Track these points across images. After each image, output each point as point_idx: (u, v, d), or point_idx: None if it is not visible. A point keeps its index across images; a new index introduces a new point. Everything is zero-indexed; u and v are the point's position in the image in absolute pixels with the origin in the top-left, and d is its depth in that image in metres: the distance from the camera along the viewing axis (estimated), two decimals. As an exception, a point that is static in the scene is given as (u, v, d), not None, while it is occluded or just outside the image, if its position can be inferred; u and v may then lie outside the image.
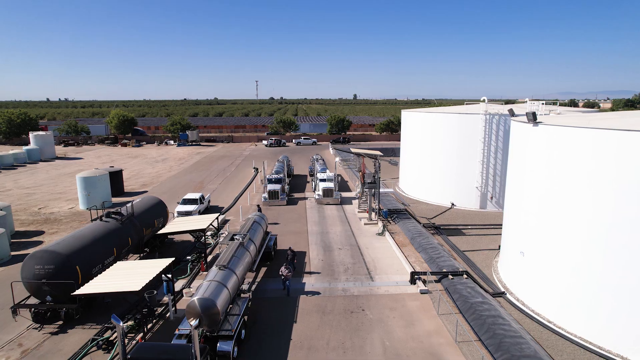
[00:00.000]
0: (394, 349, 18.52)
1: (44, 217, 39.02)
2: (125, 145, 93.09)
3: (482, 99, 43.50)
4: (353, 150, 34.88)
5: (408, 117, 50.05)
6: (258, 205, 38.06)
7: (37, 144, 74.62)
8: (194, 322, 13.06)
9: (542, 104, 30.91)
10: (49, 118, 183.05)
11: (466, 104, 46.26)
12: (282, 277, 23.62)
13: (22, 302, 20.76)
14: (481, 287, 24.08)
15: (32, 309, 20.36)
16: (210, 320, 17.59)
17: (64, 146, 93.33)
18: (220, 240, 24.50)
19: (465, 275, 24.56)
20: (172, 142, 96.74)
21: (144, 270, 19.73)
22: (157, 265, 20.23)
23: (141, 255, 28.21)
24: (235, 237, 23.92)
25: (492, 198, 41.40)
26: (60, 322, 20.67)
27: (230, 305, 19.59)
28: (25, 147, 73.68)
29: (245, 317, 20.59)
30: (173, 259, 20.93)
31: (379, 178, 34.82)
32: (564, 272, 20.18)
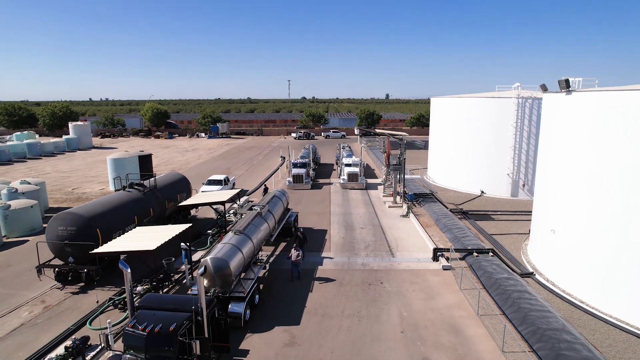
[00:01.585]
0: (412, 319, 17.79)
1: (76, 196, 40.35)
2: (158, 137, 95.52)
3: (514, 86, 41.70)
4: (378, 130, 34.14)
5: (437, 104, 48.76)
6: None
7: (76, 134, 77.58)
8: (200, 270, 12.85)
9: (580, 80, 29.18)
10: (89, 114, 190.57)
11: (498, 88, 44.53)
12: (292, 262, 21.49)
13: (46, 263, 21.33)
14: (508, 266, 22.90)
15: (55, 269, 20.89)
16: (223, 281, 17.43)
17: (101, 138, 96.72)
18: (239, 210, 24.34)
19: (491, 253, 23.43)
20: (203, 134, 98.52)
21: (161, 234, 19.82)
22: (175, 229, 20.29)
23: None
24: (254, 207, 23.77)
25: (524, 186, 39.62)
26: (82, 284, 21.09)
27: (244, 274, 19.39)
28: (65, 137, 76.73)
29: (261, 286, 20.37)
30: (191, 224, 20.91)
31: (404, 159, 33.91)
32: (600, 250, 18.81)
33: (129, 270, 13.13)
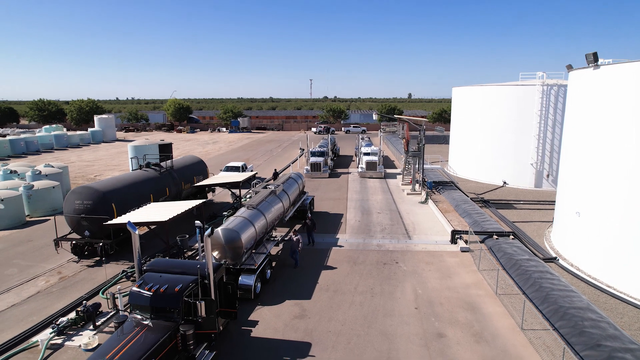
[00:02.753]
0: (427, 297, 17.21)
1: (98, 182, 41.13)
2: (180, 131, 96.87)
3: (539, 75, 40.26)
4: (396, 116, 33.47)
5: (459, 94, 47.62)
6: None
7: (101, 126, 79.33)
8: (207, 232, 12.65)
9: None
10: (115, 112, 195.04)
11: (522, 76, 43.15)
12: (290, 244, 20.19)
13: (64, 236, 21.64)
14: (530, 250, 21.99)
15: (72, 242, 21.16)
16: (234, 253, 17.25)
17: (125, 132, 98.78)
18: (254, 188, 24.16)
19: (512, 236, 22.57)
20: (224, 129, 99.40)
21: (174, 208, 19.83)
22: (189, 204, 20.25)
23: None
24: (268, 186, 23.57)
25: (548, 176, 38.24)
26: (97, 258, 21.29)
27: (256, 250, 19.15)
28: (90, 129, 78.59)
29: (273, 263, 20.12)
30: (205, 200, 20.83)
31: (423, 145, 33.16)
32: (629, 231, 17.84)
33: (137, 232, 13.04)
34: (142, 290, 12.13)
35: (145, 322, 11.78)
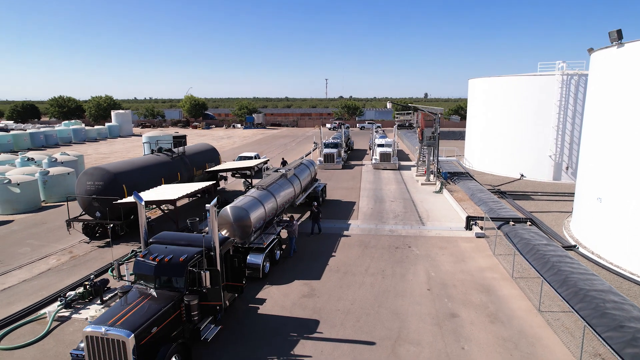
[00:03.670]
0: (440, 279, 16.69)
1: (113, 171, 41.51)
2: (195, 127, 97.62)
3: (558, 66, 39.13)
4: (411, 104, 32.88)
5: (476, 85, 46.63)
6: None
7: (117, 121, 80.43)
8: (213, 202, 12.39)
9: None
10: (132, 110, 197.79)
11: (540, 66, 42.01)
12: (288, 229, 19.06)
13: (76, 217, 21.74)
14: (548, 237, 21.24)
15: (83, 223, 21.23)
16: (242, 232, 17.01)
17: (141, 128, 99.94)
18: (266, 172, 23.92)
19: (529, 223, 21.84)
20: (239, 125, 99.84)
21: (184, 189, 19.72)
22: (198, 185, 20.11)
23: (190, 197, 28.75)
24: (279, 170, 23.30)
25: (567, 168, 37.11)
26: (108, 240, 21.32)
27: (265, 231, 18.87)
28: (107, 124, 79.72)
29: (283, 246, 19.82)
30: (214, 182, 20.67)
31: (439, 135, 32.51)
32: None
33: (142, 203, 12.87)
34: (146, 260, 11.96)
35: (149, 292, 11.59)
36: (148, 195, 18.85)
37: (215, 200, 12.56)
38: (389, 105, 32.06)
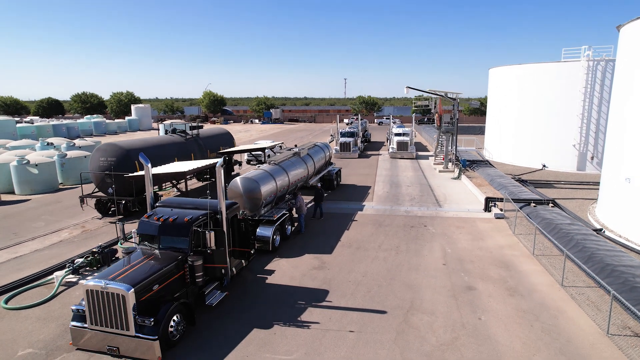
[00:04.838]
0: (456, 255, 16.01)
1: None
2: (214, 122, 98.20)
3: (583, 49, 37.63)
4: (428, 89, 32.13)
5: (496, 75, 45.38)
6: None
7: (137, 115, 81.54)
8: (219, 162, 12.03)
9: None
10: (153, 107, 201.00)
11: (565, 52, 40.51)
12: (296, 204, 18.54)
13: (89, 194, 21.79)
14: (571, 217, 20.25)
15: (96, 199, 21.25)
16: (252, 204, 16.67)
17: (160, 122, 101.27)
18: (278, 150, 23.57)
19: (551, 204, 20.88)
20: (256, 120, 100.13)
21: (194, 164, 19.50)
22: (208, 161, 19.88)
23: (203, 180, 28.80)
24: (292, 149, 22.91)
25: (592, 158, 35.62)
26: (120, 216, 21.29)
27: (275, 206, 18.48)
28: (127, 118, 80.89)
29: (295, 224, 19.38)
30: (224, 157, 20.40)
31: (457, 120, 31.62)
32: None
33: (149, 165, 12.62)
34: (151, 220, 11.68)
35: (153, 252, 11.31)
36: (159, 169, 18.67)
37: (221, 160, 12.19)
38: (405, 90, 31.35)
